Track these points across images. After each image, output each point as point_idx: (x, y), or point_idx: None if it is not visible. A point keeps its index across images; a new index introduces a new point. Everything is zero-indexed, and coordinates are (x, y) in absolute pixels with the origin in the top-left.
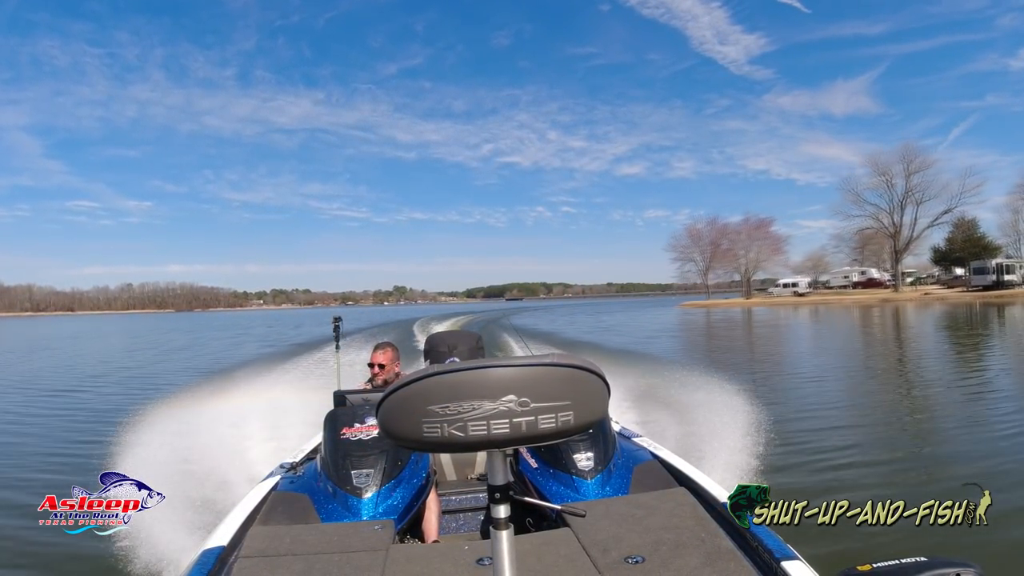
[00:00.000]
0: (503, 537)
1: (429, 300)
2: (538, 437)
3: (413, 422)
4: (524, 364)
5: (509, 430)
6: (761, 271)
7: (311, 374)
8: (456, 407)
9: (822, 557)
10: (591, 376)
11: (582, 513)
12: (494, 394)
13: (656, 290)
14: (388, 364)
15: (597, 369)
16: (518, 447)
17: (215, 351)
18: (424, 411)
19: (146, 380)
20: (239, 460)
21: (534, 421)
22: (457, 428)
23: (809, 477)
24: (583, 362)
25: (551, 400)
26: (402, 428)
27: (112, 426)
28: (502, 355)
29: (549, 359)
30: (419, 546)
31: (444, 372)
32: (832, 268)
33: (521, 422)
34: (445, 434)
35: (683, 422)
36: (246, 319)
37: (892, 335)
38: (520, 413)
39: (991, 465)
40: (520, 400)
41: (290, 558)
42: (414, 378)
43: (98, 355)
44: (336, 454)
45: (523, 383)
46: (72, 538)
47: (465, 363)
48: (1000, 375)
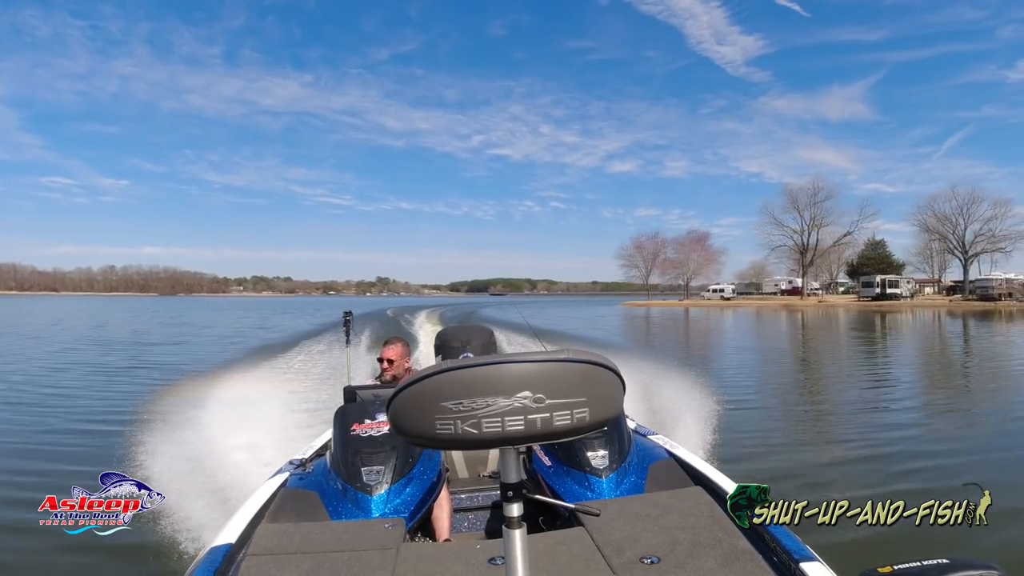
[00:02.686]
0: (516, 536)
1: (412, 292)
2: (553, 434)
3: (425, 419)
4: (540, 360)
5: (524, 427)
6: (701, 277)
7: (315, 366)
8: (470, 403)
9: (841, 557)
10: (607, 372)
11: (596, 512)
12: (509, 390)
13: (641, 291)
14: (398, 359)
15: (612, 365)
16: (532, 444)
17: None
18: (437, 407)
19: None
20: (246, 456)
21: (549, 418)
22: (471, 425)
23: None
24: (599, 358)
25: (567, 396)
26: (414, 425)
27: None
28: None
29: (564, 355)
30: (430, 545)
31: (458, 367)
32: (773, 276)
33: (536, 419)
34: (458, 431)
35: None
36: (242, 305)
37: (752, 325)
38: (535, 410)
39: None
40: (535, 396)
41: (299, 556)
42: (427, 374)
43: (133, 337)
44: (346, 451)
45: (538, 379)
46: (72, 538)
47: (479, 358)
48: (802, 348)
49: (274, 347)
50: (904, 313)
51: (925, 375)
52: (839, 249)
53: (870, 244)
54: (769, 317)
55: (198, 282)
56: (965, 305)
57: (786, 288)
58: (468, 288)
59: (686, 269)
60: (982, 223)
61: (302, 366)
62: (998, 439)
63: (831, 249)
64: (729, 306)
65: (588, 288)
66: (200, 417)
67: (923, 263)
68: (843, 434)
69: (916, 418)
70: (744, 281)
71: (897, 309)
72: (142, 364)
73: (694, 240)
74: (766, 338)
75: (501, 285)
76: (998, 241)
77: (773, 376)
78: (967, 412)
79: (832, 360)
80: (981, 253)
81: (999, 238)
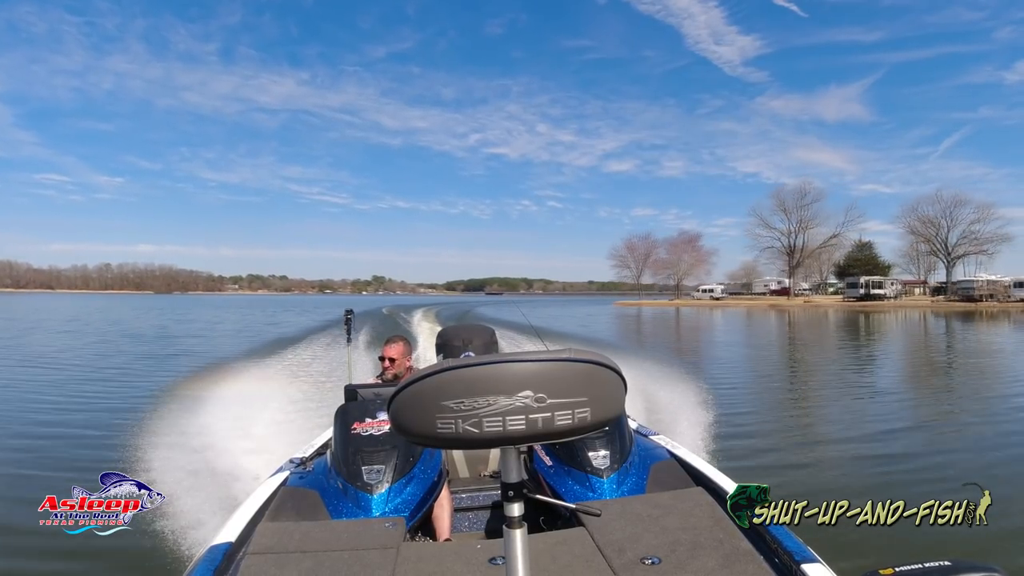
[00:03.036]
0: (516, 536)
1: (408, 291)
2: (554, 434)
3: (426, 418)
4: (541, 359)
5: (525, 427)
6: (693, 277)
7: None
8: (471, 403)
9: (843, 559)
10: (608, 372)
11: (597, 512)
12: (510, 390)
13: (637, 290)
14: (399, 358)
15: (614, 365)
16: (533, 444)
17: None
18: (438, 406)
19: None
20: (246, 454)
21: (551, 418)
22: (472, 424)
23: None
24: (601, 357)
25: (568, 396)
26: (415, 424)
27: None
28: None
29: (566, 354)
30: (430, 544)
31: (459, 366)
32: (763, 277)
33: (537, 418)
34: (459, 430)
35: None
36: (244, 303)
37: (739, 324)
38: (536, 409)
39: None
40: (537, 396)
41: (299, 555)
42: (428, 372)
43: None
44: (347, 449)
45: (540, 378)
46: (72, 538)
47: (481, 357)
48: (781, 339)
49: (278, 343)
50: (887, 313)
51: (893, 368)
52: (828, 250)
53: (857, 246)
54: (756, 316)
55: (194, 280)
56: (947, 306)
57: (775, 289)
58: (464, 287)
59: (677, 270)
60: (965, 226)
61: (303, 364)
62: (959, 426)
63: (819, 251)
64: (718, 306)
65: (584, 288)
66: (200, 415)
67: (909, 264)
68: (794, 415)
69: (876, 406)
70: (736, 281)
71: (881, 309)
72: (181, 352)
73: (685, 241)
74: (753, 336)
75: (497, 284)
76: (981, 244)
77: (754, 368)
78: (927, 403)
79: (809, 354)
80: (964, 255)
81: (982, 240)
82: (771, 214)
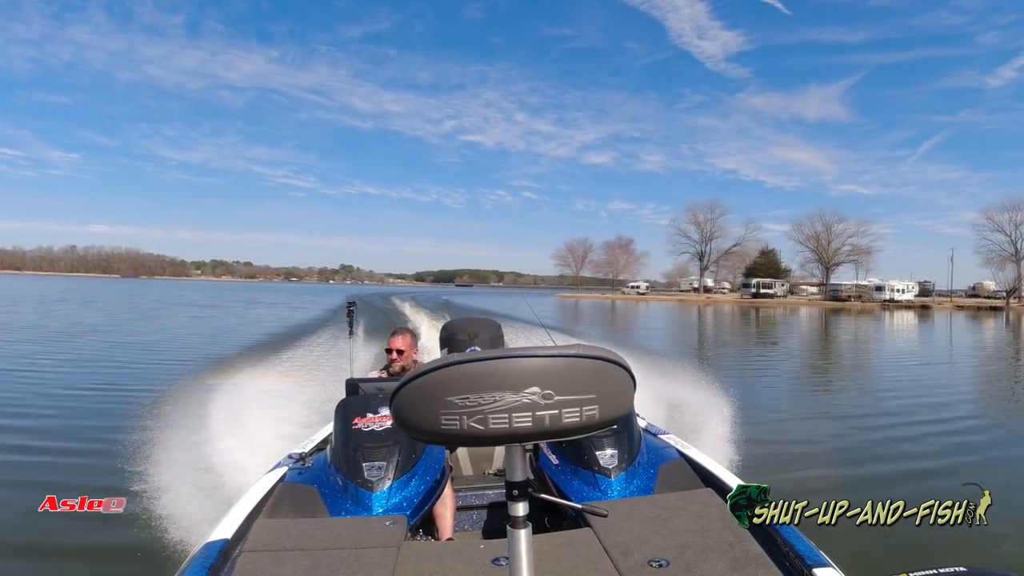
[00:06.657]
0: (520, 536)
1: (377, 281)
2: (562, 432)
3: (430, 413)
4: (550, 355)
5: (532, 424)
6: (628, 275)
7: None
8: (476, 398)
9: (855, 563)
10: (617, 368)
11: (604, 513)
12: (517, 386)
13: (606, 285)
14: (407, 350)
15: (623, 361)
16: (539, 442)
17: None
18: (442, 402)
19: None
20: (243, 449)
21: (558, 415)
22: (477, 421)
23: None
24: (609, 354)
25: (576, 393)
26: (418, 420)
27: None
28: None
29: (575, 350)
30: (432, 543)
31: (465, 361)
32: (690, 276)
33: (544, 415)
34: (464, 427)
35: None
36: (226, 288)
37: (652, 313)
38: (544, 406)
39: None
40: (544, 392)
41: (296, 553)
42: (432, 367)
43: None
44: (347, 445)
45: (548, 375)
46: (72, 538)
47: (487, 352)
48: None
49: (279, 335)
50: (772, 309)
51: (736, 340)
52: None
53: (762, 252)
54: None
55: (160, 265)
56: (820, 304)
57: (696, 287)
58: (434, 278)
59: (614, 269)
60: (843, 239)
61: (303, 356)
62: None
63: (727, 255)
64: (642, 300)
65: (555, 281)
66: (199, 412)
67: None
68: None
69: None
70: (668, 280)
71: (768, 305)
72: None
73: (620, 245)
74: (642, 319)
75: (467, 276)
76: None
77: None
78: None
79: (682, 333)
80: (842, 263)
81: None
82: (688, 223)
